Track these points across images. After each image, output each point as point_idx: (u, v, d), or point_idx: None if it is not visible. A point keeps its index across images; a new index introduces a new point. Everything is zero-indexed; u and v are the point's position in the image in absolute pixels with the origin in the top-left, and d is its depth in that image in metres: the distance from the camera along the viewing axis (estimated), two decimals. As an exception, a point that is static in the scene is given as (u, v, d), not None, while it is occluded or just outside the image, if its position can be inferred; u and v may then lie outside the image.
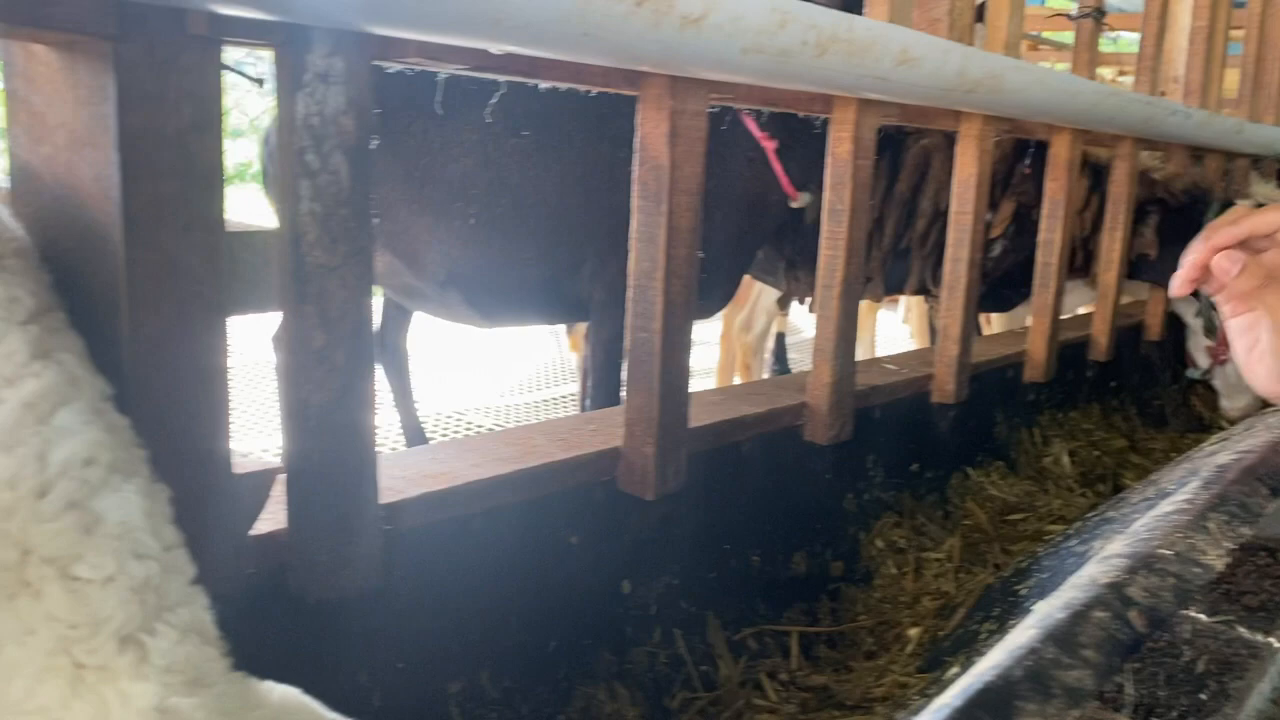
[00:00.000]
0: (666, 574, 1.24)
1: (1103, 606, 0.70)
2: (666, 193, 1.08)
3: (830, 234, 1.39)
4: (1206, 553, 0.85)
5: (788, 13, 0.96)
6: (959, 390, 1.70)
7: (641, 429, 1.14)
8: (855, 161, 1.35)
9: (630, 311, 1.13)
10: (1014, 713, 0.56)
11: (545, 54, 0.88)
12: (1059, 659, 0.62)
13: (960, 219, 1.64)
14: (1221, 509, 0.93)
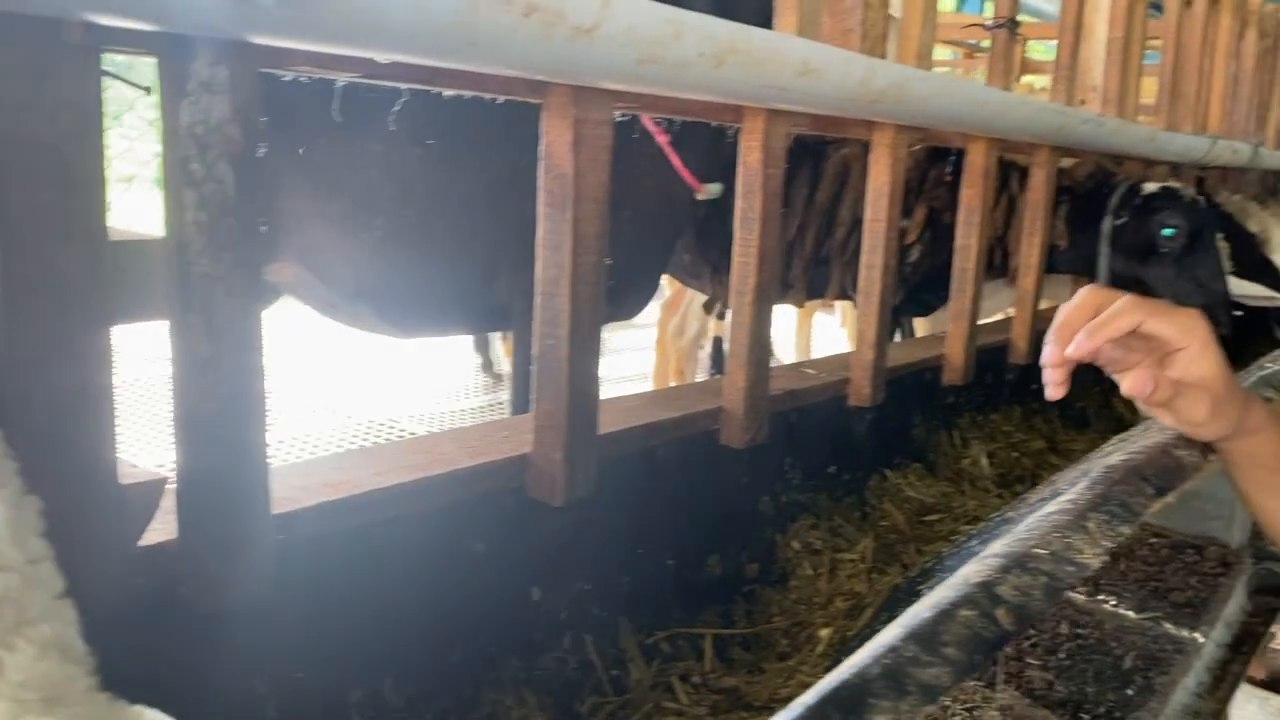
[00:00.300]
0: (578, 580, 1.24)
1: (970, 605, 0.71)
2: (571, 201, 1.09)
3: (742, 241, 1.41)
4: (1083, 551, 0.87)
5: (683, 24, 0.98)
6: (875, 394, 1.73)
7: (549, 435, 1.14)
8: (765, 170, 1.37)
9: (538, 319, 1.14)
10: (866, 710, 0.57)
11: (434, 63, 0.89)
12: (918, 657, 0.63)
13: (874, 226, 1.67)
14: (1103, 509, 0.95)
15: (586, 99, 1.07)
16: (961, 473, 1.95)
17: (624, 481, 1.29)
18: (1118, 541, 0.97)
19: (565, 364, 1.12)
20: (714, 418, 1.44)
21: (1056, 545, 0.87)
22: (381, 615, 1.03)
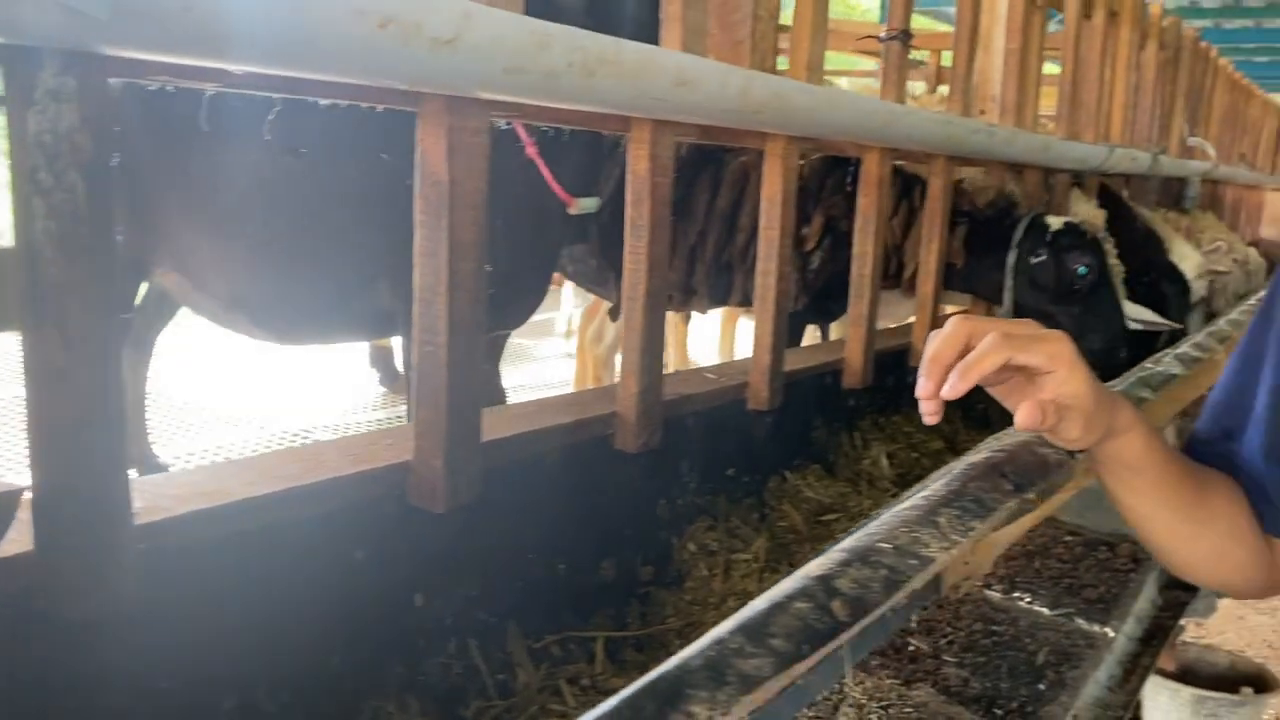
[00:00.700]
0: (464, 586, 1.25)
1: (806, 598, 0.74)
2: (447, 208, 1.10)
3: (632, 249, 1.43)
4: (929, 546, 0.90)
5: (548, 35, 0.99)
6: (773, 397, 1.76)
7: (430, 442, 1.15)
8: (653, 179, 1.39)
9: (416, 326, 1.15)
10: (683, 700, 0.59)
11: (291, 73, 0.89)
12: (743, 648, 0.65)
13: (768, 234, 1.70)
14: (955, 504, 0.99)
15: (461, 108, 1.09)
16: (861, 473, 1.99)
17: (513, 487, 1.30)
18: (969, 535, 1.00)
19: (444, 371, 1.13)
20: (608, 423, 1.46)
21: (903, 540, 0.90)
22: (257, 623, 1.03)
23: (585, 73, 1.05)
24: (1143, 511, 1.01)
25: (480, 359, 1.18)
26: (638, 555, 1.51)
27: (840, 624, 0.75)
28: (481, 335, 1.18)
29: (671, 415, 1.55)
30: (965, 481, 1.06)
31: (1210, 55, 4.93)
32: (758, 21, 1.60)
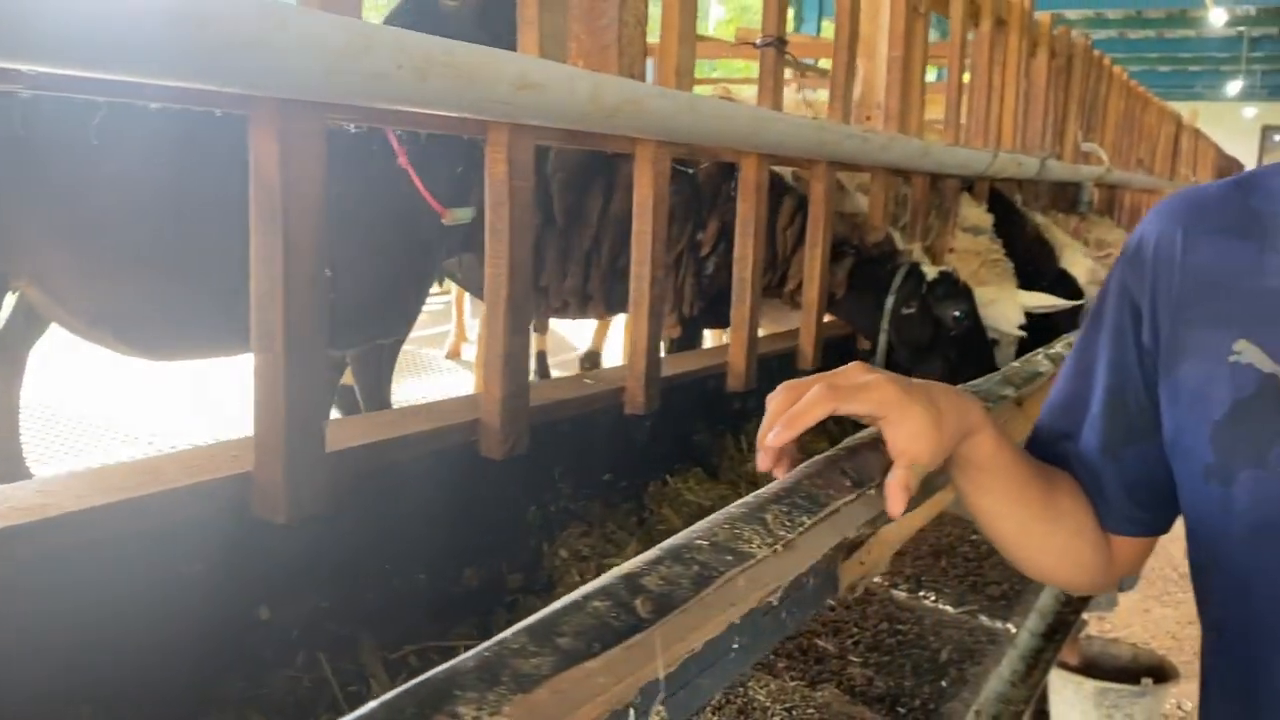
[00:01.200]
0: (313, 597, 1.23)
1: (605, 596, 0.73)
2: (281, 213, 1.08)
3: (493, 253, 1.42)
4: (751, 542, 0.90)
5: (371, 37, 0.98)
6: (650, 401, 1.76)
7: (269, 453, 1.13)
8: (512, 182, 1.39)
9: (253, 334, 1.12)
10: (450, 701, 0.58)
11: (105, 75, 0.87)
12: (525, 648, 0.65)
13: (640, 238, 1.71)
14: (785, 501, 0.99)
15: (293, 111, 1.07)
16: (744, 476, 2.00)
17: (368, 496, 1.28)
18: (798, 532, 1.00)
19: (282, 379, 1.11)
20: (472, 429, 1.45)
21: (722, 536, 0.90)
22: (84, 640, 1.00)
23: (417, 75, 1.04)
24: (994, 511, 1.02)
25: (323, 366, 1.17)
26: (505, 563, 1.50)
27: (642, 621, 0.75)
28: (322, 342, 1.16)
29: (543, 421, 1.55)
30: (801, 478, 1.07)
31: (1104, 63, 5.08)
32: (624, 27, 1.61)
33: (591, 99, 1.29)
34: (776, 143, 1.78)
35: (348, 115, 1.18)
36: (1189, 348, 0.90)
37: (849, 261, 2.41)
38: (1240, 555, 0.88)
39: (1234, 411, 0.86)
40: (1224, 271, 0.89)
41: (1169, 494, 0.98)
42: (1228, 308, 0.88)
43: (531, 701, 0.63)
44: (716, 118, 1.56)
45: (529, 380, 1.49)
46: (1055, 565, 1.06)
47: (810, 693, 2.33)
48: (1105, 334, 0.98)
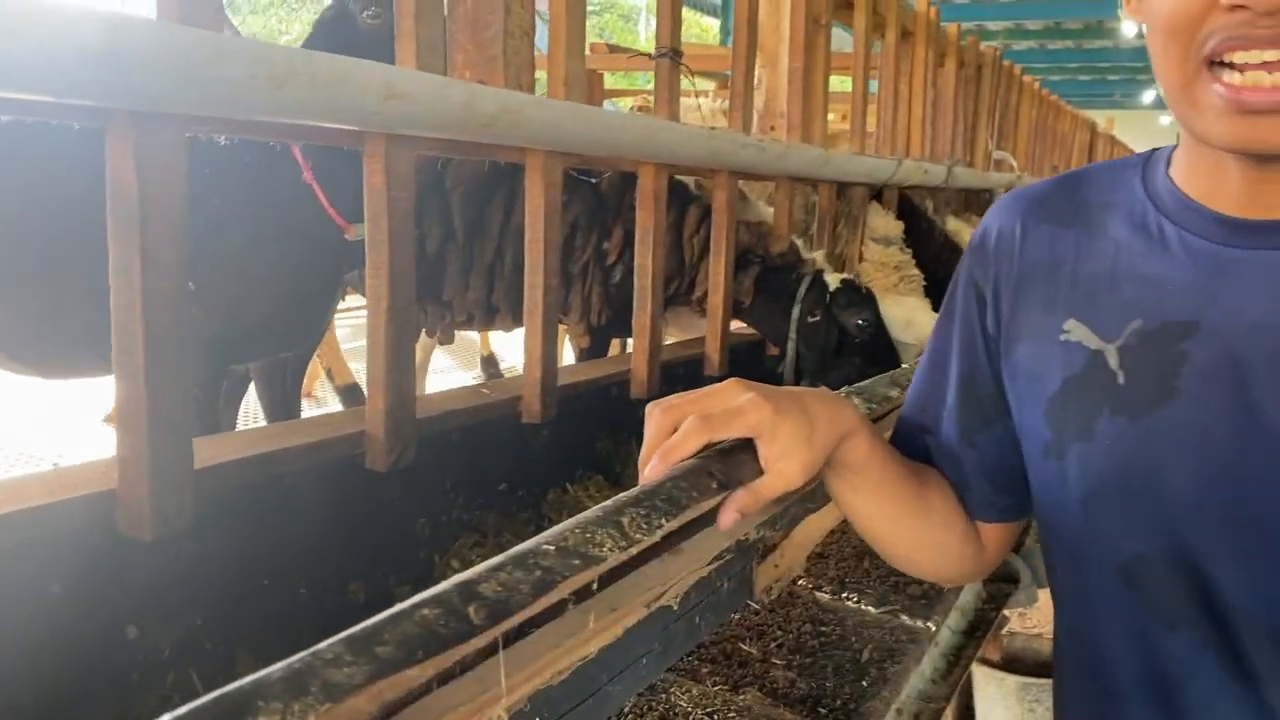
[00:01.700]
0: (186, 615, 1.21)
1: (436, 604, 0.73)
2: (138, 224, 1.07)
3: (373, 263, 1.41)
4: (603, 545, 0.91)
5: (223, 47, 0.98)
6: (546, 410, 1.76)
7: (134, 469, 1.11)
8: (390, 193, 1.38)
9: (115, 348, 1.11)
10: (248, 712, 0.58)
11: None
12: (339, 658, 0.64)
13: (533, 247, 1.71)
14: (644, 504, 1.00)
15: (148, 123, 1.06)
16: (647, 483, 2.01)
17: (243, 511, 1.27)
18: (655, 534, 1.01)
19: (143, 394, 1.09)
20: (357, 442, 1.44)
21: (573, 540, 0.91)
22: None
23: (273, 84, 1.04)
24: (867, 510, 1.04)
25: (188, 381, 1.15)
26: (392, 575, 1.49)
27: (474, 628, 0.75)
28: (186, 356, 1.15)
29: (433, 431, 1.54)
30: (665, 480, 1.08)
31: (1015, 72, 5.21)
32: (509, 38, 1.61)
33: (465, 107, 1.29)
34: (669, 152, 1.79)
35: (212, 127, 1.16)
36: (1025, 331, 0.95)
37: (755, 270, 2.45)
38: (1073, 527, 0.93)
39: (1064, 388, 0.91)
40: (1055, 258, 0.94)
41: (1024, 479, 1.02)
42: (1058, 291, 0.93)
43: (344, 709, 0.63)
44: (603, 127, 1.58)
45: (415, 391, 1.49)
46: (928, 559, 1.08)
47: (732, 697, 2.33)
48: (956, 325, 1.03)
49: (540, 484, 1.82)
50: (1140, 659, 0.91)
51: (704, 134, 1.85)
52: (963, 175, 3.74)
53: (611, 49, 5.30)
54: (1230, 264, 0.86)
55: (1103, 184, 0.97)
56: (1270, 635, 0.84)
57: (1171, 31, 0.80)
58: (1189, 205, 0.89)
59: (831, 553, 4.35)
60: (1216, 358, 0.85)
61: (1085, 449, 0.90)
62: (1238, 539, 0.85)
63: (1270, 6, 0.72)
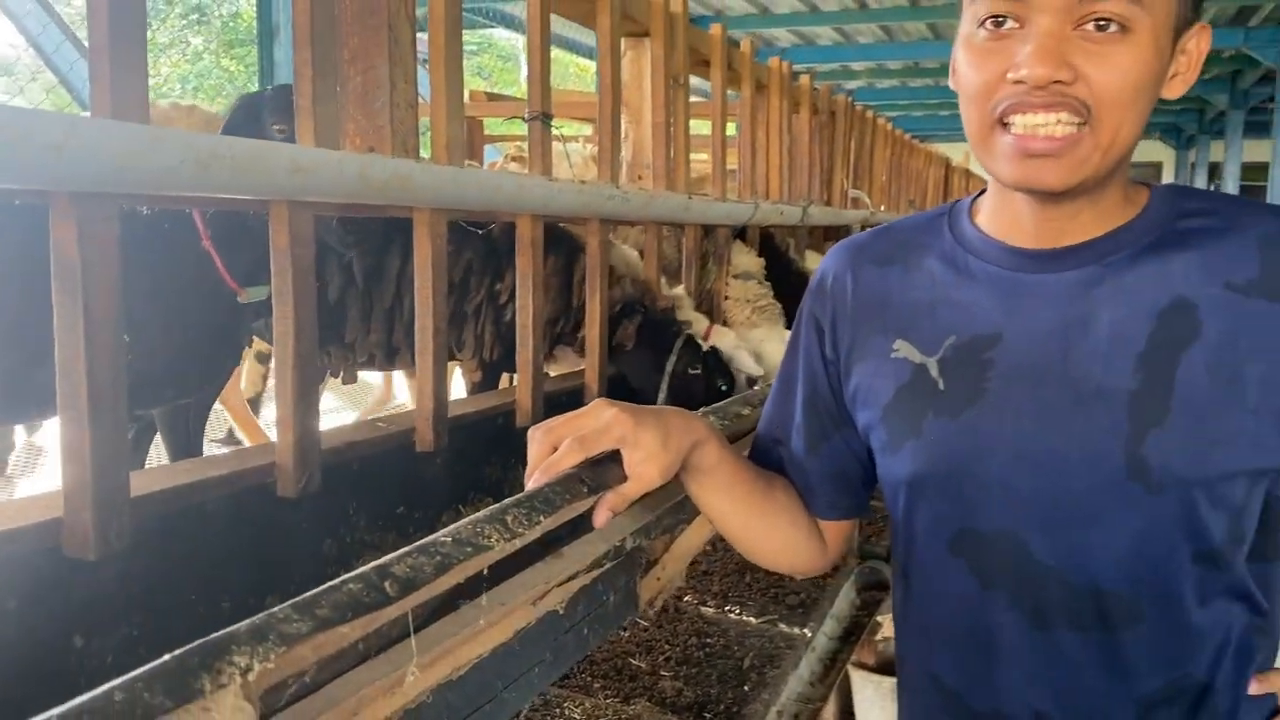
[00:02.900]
0: (124, 626, 1.38)
1: (359, 580, 0.94)
2: (81, 289, 1.25)
3: (280, 314, 1.60)
4: (490, 537, 1.12)
5: (160, 137, 1.17)
6: (438, 439, 1.96)
7: (78, 498, 1.28)
8: (293, 251, 1.57)
9: (59, 394, 1.28)
10: (226, 653, 0.78)
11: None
12: (289, 617, 0.85)
13: (423, 293, 1.91)
14: (525, 504, 1.21)
15: (88, 201, 1.24)
16: (532, 503, 2.22)
17: (170, 534, 1.44)
18: (536, 528, 1.21)
19: (87, 435, 1.26)
20: (269, 471, 1.62)
21: (465, 533, 1.12)
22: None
23: (200, 167, 1.23)
24: (721, 509, 1.20)
25: (124, 421, 1.32)
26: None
27: (388, 598, 0.95)
28: (122, 399, 1.32)
29: (337, 461, 1.73)
30: (544, 486, 1.30)
31: (867, 116, 5.62)
32: (395, 109, 1.83)
33: (360, 177, 1.50)
34: (543, 205, 2.02)
35: (142, 201, 1.35)
36: (863, 353, 1.14)
37: (638, 319, 2.69)
38: (911, 510, 1.12)
39: (897, 395, 1.09)
40: (883, 292, 1.14)
41: (859, 482, 1.22)
42: (887, 318, 1.12)
43: (294, 655, 0.83)
44: (481, 186, 1.80)
45: (319, 425, 1.68)
46: (778, 551, 1.25)
47: (624, 707, 2.56)
48: (800, 355, 1.22)
49: (435, 507, 2.01)
50: (964, 615, 1.08)
51: (574, 188, 2.09)
52: (818, 214, 4.07)
53: (490, 97, 5.54)
54: (1022, 286, 1.04)
55: (915, 231, 1.17)
56: (1065, 586, 1.02)
57: (973, 98, 0.98)
58: (988, 241, 1.08)
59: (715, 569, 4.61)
60: (1015, 363, 1.02)
61: (916, 445, 1.07)
62: (1041, 510, 1.01)
63: (1038, 83, 0.91)
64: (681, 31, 2.86)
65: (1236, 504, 0.99)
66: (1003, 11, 0.93)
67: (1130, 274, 1.00)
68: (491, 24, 9.63)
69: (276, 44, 6.14)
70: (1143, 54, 0.92)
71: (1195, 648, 1.03)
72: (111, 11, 1.21)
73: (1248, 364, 0.96)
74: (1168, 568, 1.00)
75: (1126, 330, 0.99)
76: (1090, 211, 1.02)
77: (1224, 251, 0.99)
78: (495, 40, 20.80)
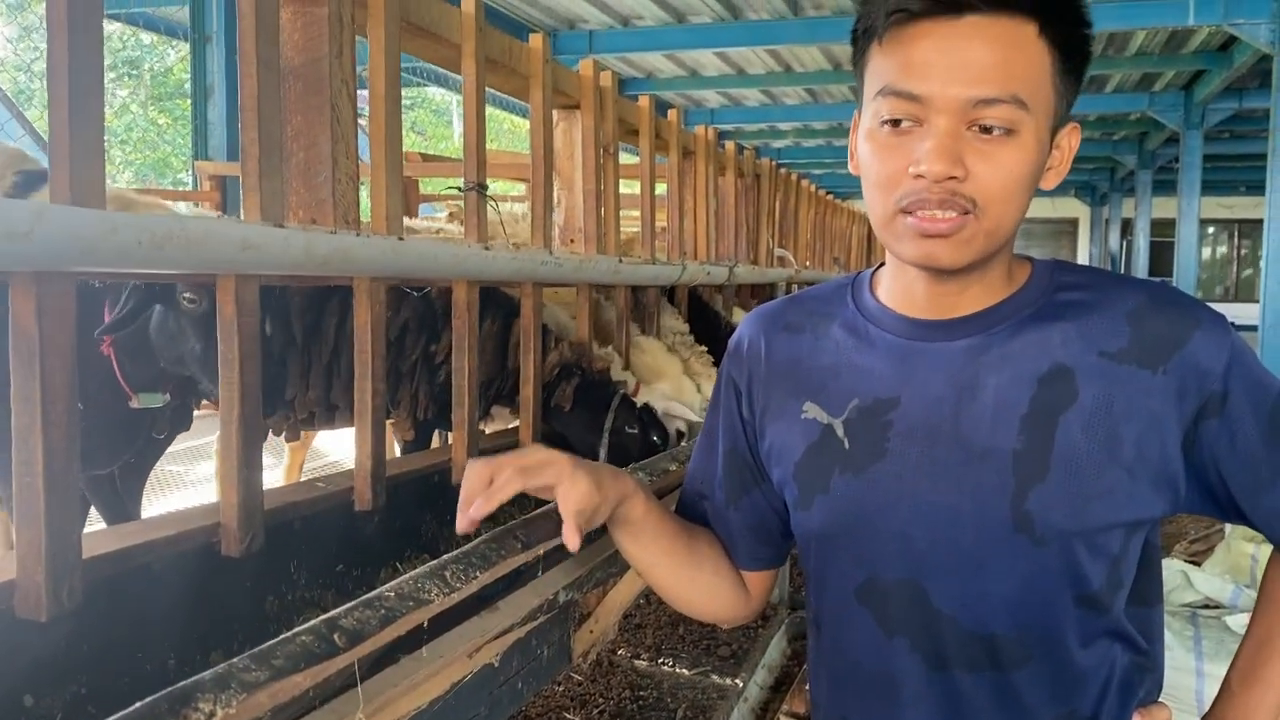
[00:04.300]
0: (73, 684, 1.43)
1: (311, 633, 1.02)
2: (39, 358, 1.31)
3: (225, 379, 1.67)
4: (430, 591, 1.21)
5: (117, 222, 1.25)
6: (376, 498, 2.03)
7: (31, 561, 1.33)
8: (239, 319, 1.64)
9: (15, 461, 1.34)
10: (192, 700, 0.86)
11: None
12: (249, 667, 0.93)
13: (361, 357, 1.99)
14: (462, 561, 1.31)
15: (48, 278, 1.31)
16: (467, 558, 2.30)
17: (120, 593, 1.50)
18: (473, 583, 1.31)
19: (41, 500, 1.32)
20: (214, 531, 1.68)
21: (407, 588, 1.20)
22: None
23: (154, 246, 1.31)
24: (648, 560, 1.30)
25: (77, 486, 1.39)
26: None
27: (337, 649, 1.04)
28: (75, 465, 1.38)
29: (279, 521, 1.79)
30: (479, 543, 1.39)
31: (792, 178, 5.83)
32: (337, 184, 1.93)
33: (305, 252, 1.59)
34: (479, 272, 2.13)
35: (100, 277, 1.42)
36: (776, 413, 1.23)
37: (576, 380, 2.80)
38: (820, 561, 1.20)
39: (807, 453, 1.18)
40: (793, 357, 1.23)
41: (778, 534, 1.30)
42: (798, 382, 1.21)
43: (253, 701, 0.92)
44: (420, 256, 1.90)
45: (262, 485, 1.74)
46: (703, 600, 1.33)
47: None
48: (720, 414, 1.31)
49: (373, 564, 2.08)
50: (869, 660, 1.16)
51: (508, 255, 2.20)
52: (744, 273, 4.23)
53: (425, 158, 5.66)
54: (917, 353, 1.14)
55: (822, 301, 1.26)
56: (960, 631, 1.10)
57: (878, 186, 1.07)
58: (886, 312, 1.17)
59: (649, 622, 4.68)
60: (912, 424, 1.12)
61: (824, 500, 1.16)
62: (937, 559, 1.10)
63: (935, 179, 1.01)
64: (610, 104, 3.00)
65: (1114, 553, 1.09)
66: (905, 114, 1.04)
67: (1013, 342, 1.11)
68: (426, 83, 9.76)
69: (210, 104, 6.20)
70: (1025, 154, 1.03)
71: (1081, 685, 1.11)
72: (71, 102, 1.29)
73: (1122, 424, 1.06)
74: (1052, 612, 1.09)
75: (1010, 394, 1.09)
76: (978, 286, 1.12)
77: (1097, 323, 1.09)
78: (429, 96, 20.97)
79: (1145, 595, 1.15)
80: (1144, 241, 13.14)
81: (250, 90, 1.64)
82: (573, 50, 8.43)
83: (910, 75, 1.01)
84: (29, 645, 1.37)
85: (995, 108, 1.00)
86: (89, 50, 1.31)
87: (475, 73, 2.24)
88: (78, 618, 1.38)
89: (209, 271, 1.53)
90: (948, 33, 1.00)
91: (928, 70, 1.00)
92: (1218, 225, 20.60)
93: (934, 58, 1.00)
